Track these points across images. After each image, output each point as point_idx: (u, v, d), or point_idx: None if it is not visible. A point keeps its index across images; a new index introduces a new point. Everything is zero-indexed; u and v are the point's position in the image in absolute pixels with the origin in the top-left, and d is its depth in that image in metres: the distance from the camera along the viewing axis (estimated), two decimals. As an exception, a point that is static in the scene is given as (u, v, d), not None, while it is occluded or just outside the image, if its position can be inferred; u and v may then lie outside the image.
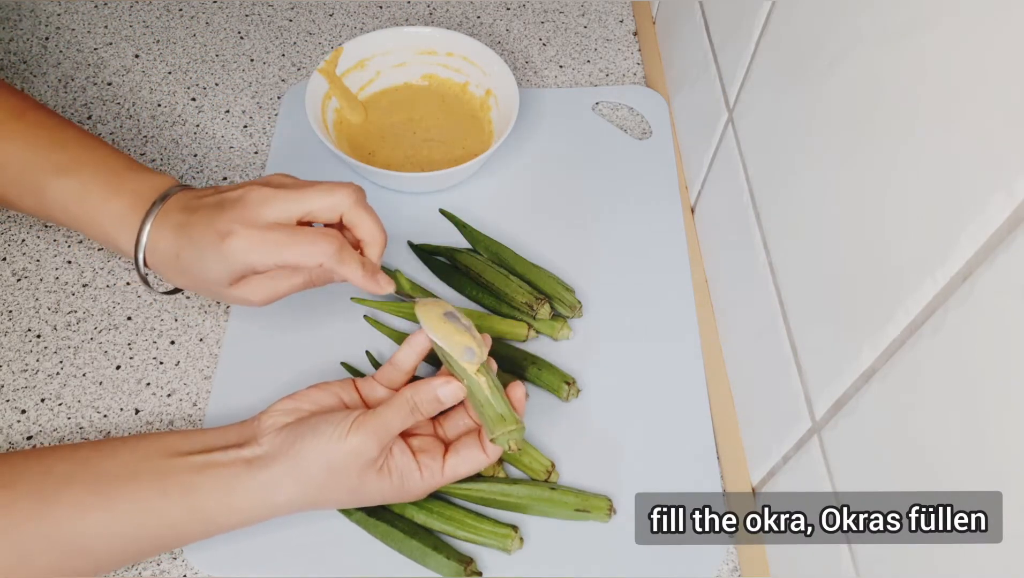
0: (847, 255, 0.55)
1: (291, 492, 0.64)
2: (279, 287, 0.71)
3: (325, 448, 0.64)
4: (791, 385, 0.64)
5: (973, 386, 0.42)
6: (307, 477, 0.64)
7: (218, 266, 0.68)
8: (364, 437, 0.64)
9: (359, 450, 0.64)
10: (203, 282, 0.70)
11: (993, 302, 0.41)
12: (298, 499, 0.65)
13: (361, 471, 0.65)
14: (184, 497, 0.63)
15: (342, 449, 0.64)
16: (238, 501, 0.64)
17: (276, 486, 0.64)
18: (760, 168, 0.72)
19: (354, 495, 0.66)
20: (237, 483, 0.64)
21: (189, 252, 0.69)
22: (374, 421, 0.65)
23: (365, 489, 0.66)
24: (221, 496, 0.64)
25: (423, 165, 0.93)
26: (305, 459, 0.64)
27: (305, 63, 1.06)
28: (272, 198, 0.69)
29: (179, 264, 0.70)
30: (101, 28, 1.08)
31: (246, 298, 0.71)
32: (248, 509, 0.64)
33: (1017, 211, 0.39)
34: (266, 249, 0.67)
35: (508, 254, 0.87)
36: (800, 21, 0.63)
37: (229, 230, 0.67)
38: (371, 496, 0.67)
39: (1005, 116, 0.40)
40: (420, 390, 0.66)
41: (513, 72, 0.93)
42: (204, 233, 0.68)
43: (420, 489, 0.68)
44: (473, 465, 0.68)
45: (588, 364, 0.82)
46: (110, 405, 0.78)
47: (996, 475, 0.41)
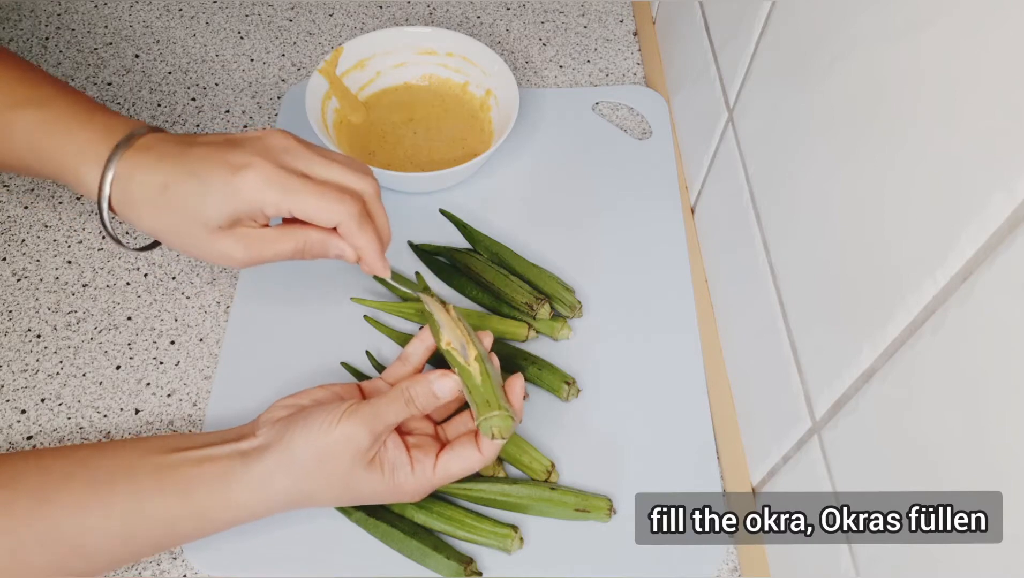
0: (847, 255, 0.55)
1: (283, 483, 0.64)
2: (266, 249, 0.67)
3: (315, 435, 0.63)
4: (791, 385, 0.64)
5: (973, 386, 0.42)
6: (298, 466, 0.63)
7: (220, 202, 0.63)
8: (355, 425, 0.63)
9: (349, 437, 0.63)
10: (190, 223, 0.64)
11: (993, 302, 0.41)
12: (291, 489, 0.64)
13: (352, 461, 0.64)
14: (181, 493, 0.63)
15: (332, 436, 0.63)
16: (235, 494, 0.63)
17: (269, 477, 0.63)
18: (760, 168, 0.72)
19: (347, 490, 0.66)
20: (233, 476, 0.63)
21: (185, 184, 0.63)
22: (366, 409, 0.64)
23: (356, 481, 0.65)
24: (218, 490, 0.63)
25: (423, 165, 0.93)
26: (296, 447, 0.63)
27: (305, 63, 1.06)
28: (298, 149, 0.66)
29: (165, 197, 0.64)
30: (101, 28, 1.08)
31: (228, 253, 0.66)
32: (244, 503, 0.64)
33: (1017, 211, 0.39)
34: (285, 191, 0.64)
35: (508, 254, 0.87)
36: (800, 21, 0.63)
37: (247, 162, 0.63)
38: (363, 490, 0.66)
39: (1005, 116, 0.40)
40: (416, 382, 0.66)
41: (513, 72, 0.93)
42: (211, 164, 0.63)
43: (412, 486, 0.67)
44: (466, 463, 0.67)
45: (588, 364, 0.82)
46: (110, 405, 0.78)
47: (996, 475, 0.41)
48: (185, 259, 0.87)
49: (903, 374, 0.49)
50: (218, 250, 0.66)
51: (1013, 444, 0.39)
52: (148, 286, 0.86)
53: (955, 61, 0.44)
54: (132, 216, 0.66)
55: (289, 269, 0.84)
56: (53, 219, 0.90)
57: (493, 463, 0.74)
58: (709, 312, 0.85)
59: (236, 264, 0.67)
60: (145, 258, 0.87)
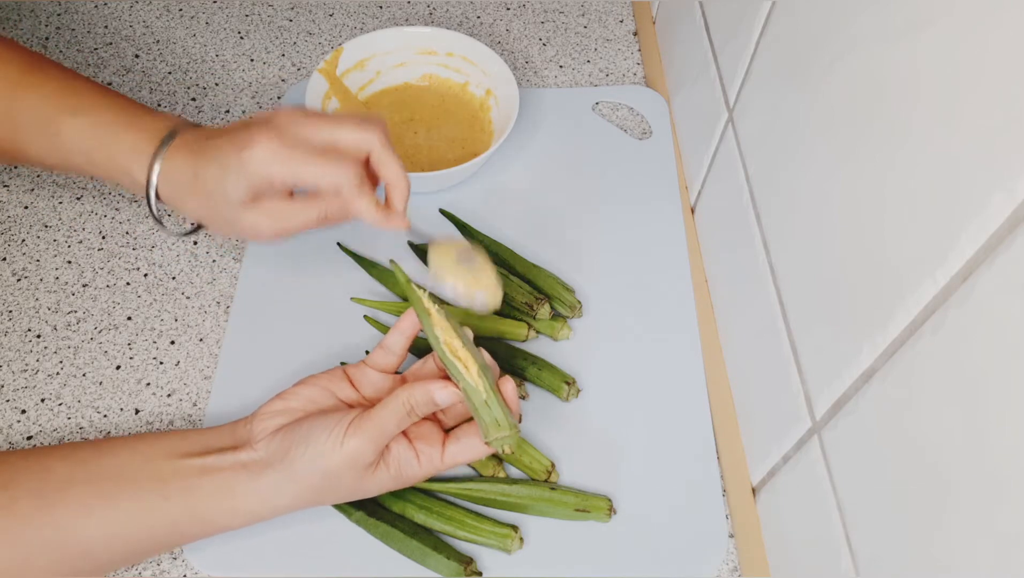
0: (847, 255, 0.55)
1: (290, 497, 0.65)
2: (293, 218, 0.71)
3: (321, 456, 0.64)
4: (791, 385, 0.64)
5: (973, 387, 0.42)
6: (305, 484, 0.64)
7: (237, 178, 0.68)
8: (360, 442, 0.64)
9: (355, 456, 0.64)
10: (220, 203, 0.70)
11: (993, 302, 0.41)
12: (298, 501, 0.65)
13: (358, 474, 0.65)
14: (185, 500, 0.63)
15: (337, 456, 0.63)
16: (240, 504, 0.64)
17: (275, 490, 0.64)
18: (760, 168, 0.72)
19: (354, 494, 0.67)
20: (238, 487, 0.64)
21: (209, 169, 0.69)
22: (369, 425, 0.64)
23: (364, 486, 0.66)
24: (222, 499, 0.64)
25: (423, 165, 0.93)
26: (302, 467, 0.64)
27: (305, 63, 1.06)
28: (302, 118, 0.69)
29: (196, 184, 0.70)
30: (101, 28, 1.08)
31: (257, 226, 0.70)
32: (249, 511, 0.65)
33: (1017, 211, 0.39)
34: (286, 161, 0.67)
35: (508, 254, 0.87)
36: (800, 21, 0.63)
37: (251, 139, 0.67)
38: (370, 489, 0.67)
39: (1005, 116, 0.40)
40: (416, 392, 0.65)
41: (513, 72, 0.94)
42: (226, 147, 0.68)
43: (419, 476, 0.68)
44: (473, 454, 0.68)
45: (588, 364, 0.82)
46: (110, 405, 0.78)
47: (996, 475, 0.41)
48: (185, 259, 0.87)
49: (903, 374, 0.49)
50: (248, 224, 0.70)
51: (1013, 445, 0.39)
52: (148, 286, 0.86)
53: (955, 61, 0.44)
54: (178, 204, 0.73)
55: (289, 269, 0.85)
56: (53, 219, 0.90)
57: (493, 462, 0.74)
58: (709, 312, 0.84)
59: (267, 236, 0.72)
60: (145, 258, 0.87)
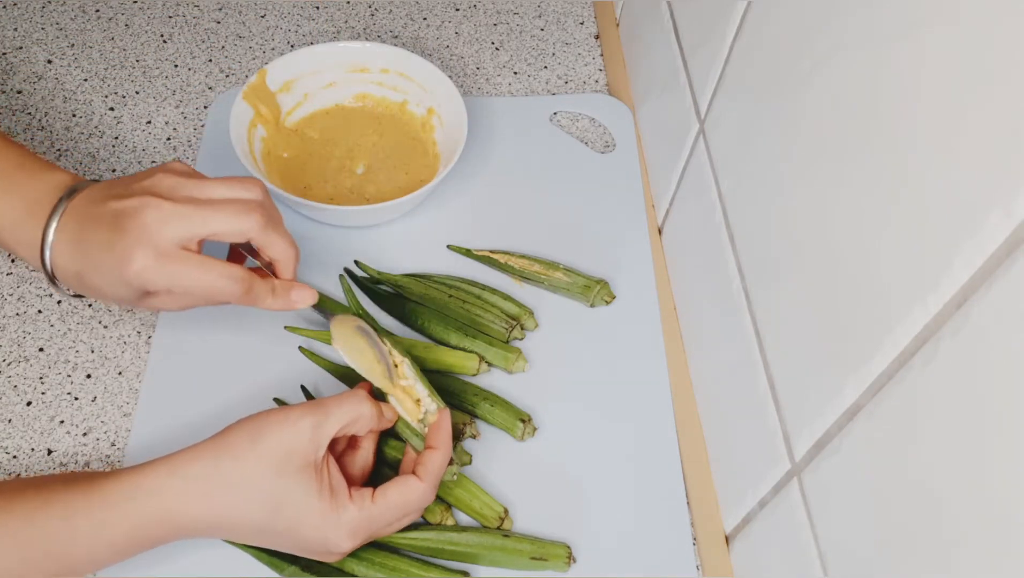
0: (830, 281, 0.55)
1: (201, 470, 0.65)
2: (196, 300, 0.72)
3: (251, 422, 0.66)
4: (768, 423, 0.63)
5: (970, 425, 0.42)
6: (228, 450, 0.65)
7: (123, 289, 0.68)
8: (302, 411, 0.66)
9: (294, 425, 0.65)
10: (112, 300, 0.71)
11: (991, 332, 0.40)
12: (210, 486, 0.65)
13: (288, 454, 0.65)
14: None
15: (270, 418, 0.66)
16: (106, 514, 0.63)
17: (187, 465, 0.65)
18: (734, 185, 0.72)
19: (274, 506, 0.65)
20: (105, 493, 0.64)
21: (91, 275, 0.69)
22: (316, 405, 0.67)
23: (289, 493, 0.64)
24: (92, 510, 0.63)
25: (362, 195, 0.92)
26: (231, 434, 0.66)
27: (235, 69, 1.05)
28: (173, 218, 0.68)
29: (83, 283, 0.70)
30: (10, 31, 1.06)
31: (161, 308, 0.73)
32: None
33: (1016, 232, 0.39)
34: (169, 279, 0.68)
35: (461, 282, 0.87)
36: (778, 23, 0.63)
37: (129, 256, 0.66)
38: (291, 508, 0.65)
39: (1003, 125, 0.40)
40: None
41: (463, 79, 0.93)
42: (103, 258, 0.67)
43: (349, 517, 0.66)
44: (406, 489, 0.67)
45: (545, 399, 0.81)
46: (19, 445, 0.77)
47: (1000, 521, 0.40)
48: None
49: (891, 411, 0.48)
50: (151, 308, 0.73)
51: (1014, 485, 0.39)
52: (62, 314, 0.84)
53: (949, 66, 0.44)
54: (68, 286, 0.73)
55: (216, 295, 0.83)
56: (-48, 240, 0.88)
57: (441, 508, 0.73)
58: (678, 342, 0.84)
59: (176, 310, 0.73)
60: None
